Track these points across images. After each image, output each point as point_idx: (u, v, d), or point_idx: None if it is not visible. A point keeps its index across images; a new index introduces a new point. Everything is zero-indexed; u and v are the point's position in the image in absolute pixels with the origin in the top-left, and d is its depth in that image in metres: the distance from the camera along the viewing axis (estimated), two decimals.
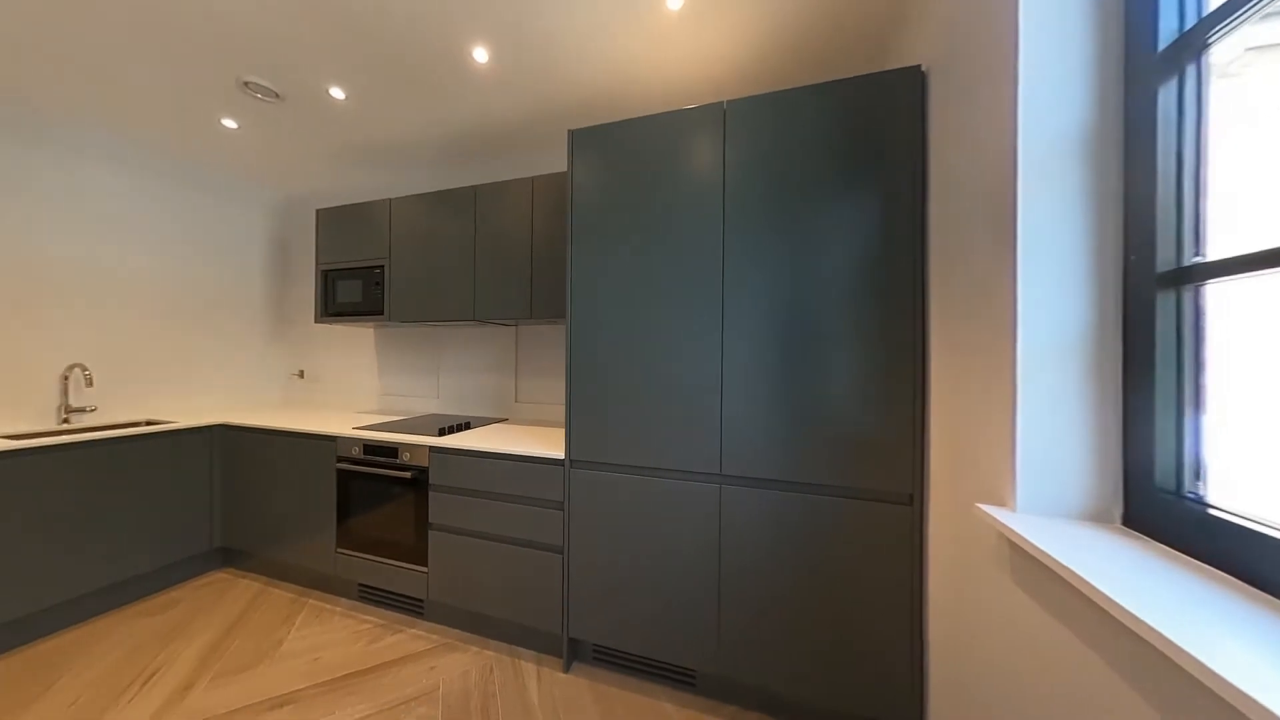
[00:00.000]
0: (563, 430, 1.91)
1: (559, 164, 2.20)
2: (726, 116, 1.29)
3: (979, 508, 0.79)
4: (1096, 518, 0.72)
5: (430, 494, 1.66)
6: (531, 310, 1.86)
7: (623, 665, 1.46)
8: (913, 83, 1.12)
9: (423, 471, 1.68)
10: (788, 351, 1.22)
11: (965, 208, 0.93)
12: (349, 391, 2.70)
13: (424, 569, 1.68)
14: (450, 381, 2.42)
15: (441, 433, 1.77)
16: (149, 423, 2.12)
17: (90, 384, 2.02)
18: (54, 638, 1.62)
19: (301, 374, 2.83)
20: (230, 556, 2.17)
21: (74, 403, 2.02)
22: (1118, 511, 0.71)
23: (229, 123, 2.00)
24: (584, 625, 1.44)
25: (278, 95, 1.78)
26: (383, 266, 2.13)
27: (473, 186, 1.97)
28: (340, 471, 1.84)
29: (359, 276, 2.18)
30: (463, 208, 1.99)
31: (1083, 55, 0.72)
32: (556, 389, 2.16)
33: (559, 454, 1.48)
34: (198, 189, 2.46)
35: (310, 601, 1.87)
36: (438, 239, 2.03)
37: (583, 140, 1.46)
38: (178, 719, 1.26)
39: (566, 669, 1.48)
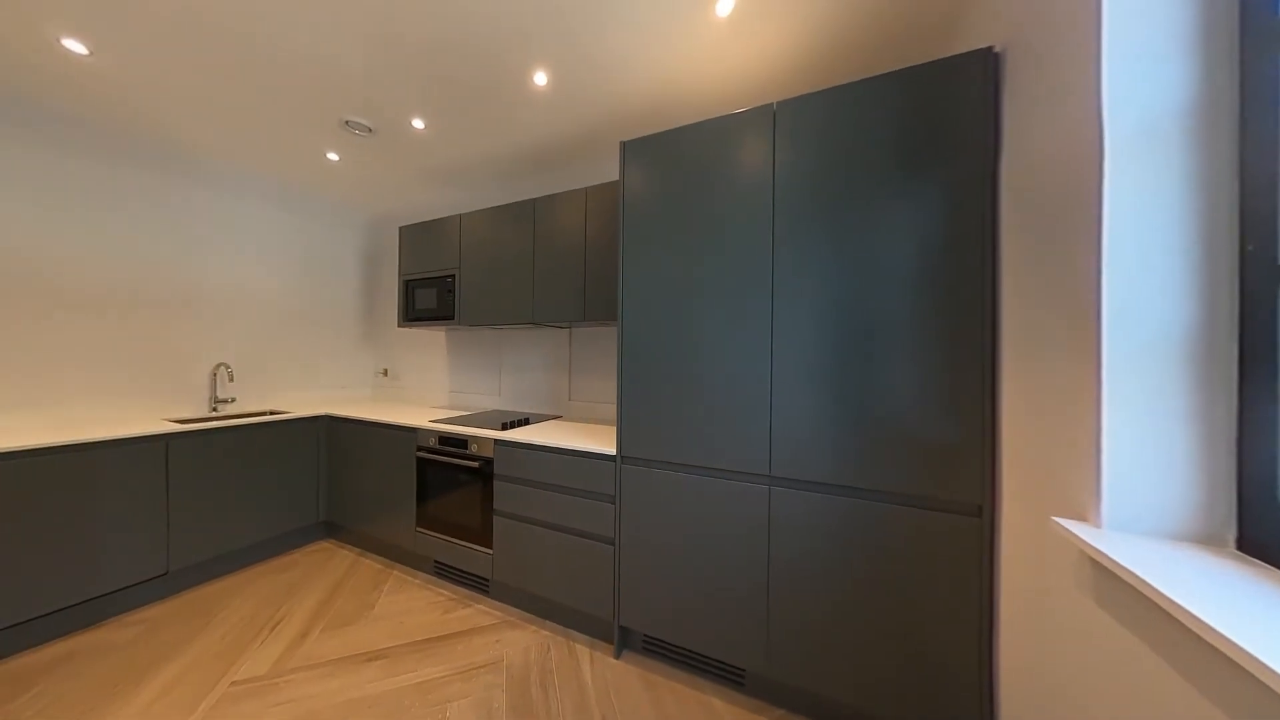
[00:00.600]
0: (614, 428, 1.99)
1: (611, 173, 2.29)
2: (776, 117, 1.28)
3: (1057, 522, 0.74)
4: (1204, 540, 0.65)
5: (495, 482, 1.82)
6: (584, 313, 1.96)
7: (672, 657, 1.50)
8: (984, 66, 1.05)
9: (488, 462, 1.85)
10: (843, 351, 1.19)
11: (1043, 196, 0.86)
12: (424, 388, 3.01)
13: (489, 551, 1.84)
14: (510, 380, 2.61)
15: (504, 427, 1.93)
16: (272, 412, 2.52)
17: (231, 379, 2.46)
18: (211, 584, 2.00)
19: (386, 372, 3.20)
20: (332, 529, 2.52)
21: (220, 395, 2.46)
22: (1231, 534, 0.63)
23: (332, 156, 2.33)
24: (634, 615, 1.50)
25: (370, 130, 2.04)
26: (454, 275, 2.35)
27: (532, 199, 2.12)
28: (419, 459, 2.07)
29: (434, 285, 2.43)
30: (522, 219, 2.15)
31: (1183, 23, 0.65)
32: (607, 388, 2.26)
33: (610, 450, 1.55)
34: (307, 214, 2.89)
35: (395, 573, 2.12)
36: (501, 248, 2.21)
37: (633, 151, 1.52)
38: (298, 660, 1.51)
39: (617, 655, 1.55)
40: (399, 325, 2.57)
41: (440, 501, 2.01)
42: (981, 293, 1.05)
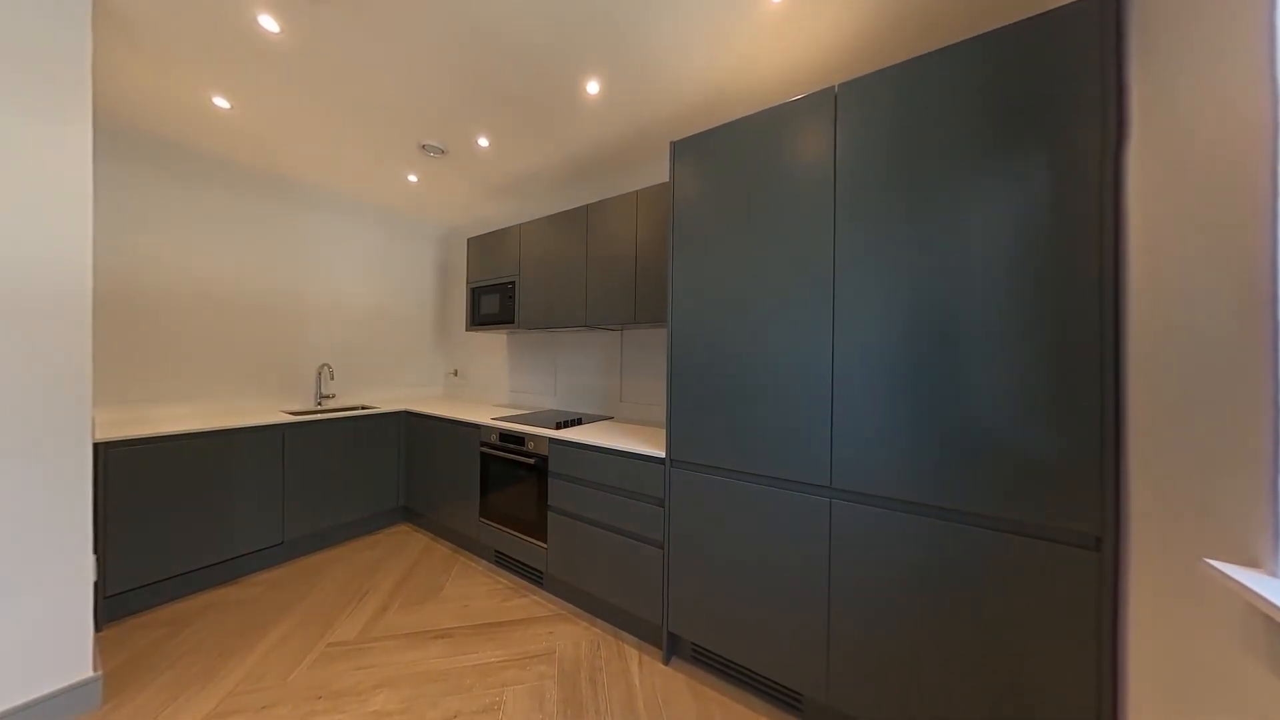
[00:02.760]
0: (664, 430, 1.98)
1: (662, 175, 2.29)
2: (838, 101, 1.20)
3: (1212, 566, 0.60)
4: None
5: (549, 479, 1.90)
6: (635, 314, 1.97)
7: (722, 669, 1.45)
8: (1102, 16, 0.89)
9: (544, 459, 1.93)
10: (919, 350, 1.07)
11: (1194, 174, 0.70)
12: (488, 388, 3.22)
13: (544, 545, 1.92)
14: (565, 381, 2.70)
15: (558, 426, 2.00)
16: (363, 408, 2.85)
17: (332, 378, 2.82)
18: (314, 555, 2.31)
19: (456, 373, 3.48)
20: (410, 514, 2.79)
21: (324, 391, 2.83)
22: None
23: (412, 178, 2.58)
24: (683, 622, 1.48)
25: (443, 151, 2.24)
26: (514, 281, 2.50)
27: (584, 206, 2.19)
28: (483, 454, 2.22)
29: (496, 291, 2.60)
30: (576, 225, 2.22)
31: None
32: (657, 390, 2.25)
33: (660, 453, 1.54)
34: (391, 231, 3.24)
35: (461, 559, 2.29)
36: (556, 255, 2.30)
37: (684, 150, 1.50)
38: (380, 630, 1.69)
39: (666, 661, 1.53)
40: (467, 329, 2.78)
41: (501, 494, 2.13)
42: (1101, 281, 0.89)
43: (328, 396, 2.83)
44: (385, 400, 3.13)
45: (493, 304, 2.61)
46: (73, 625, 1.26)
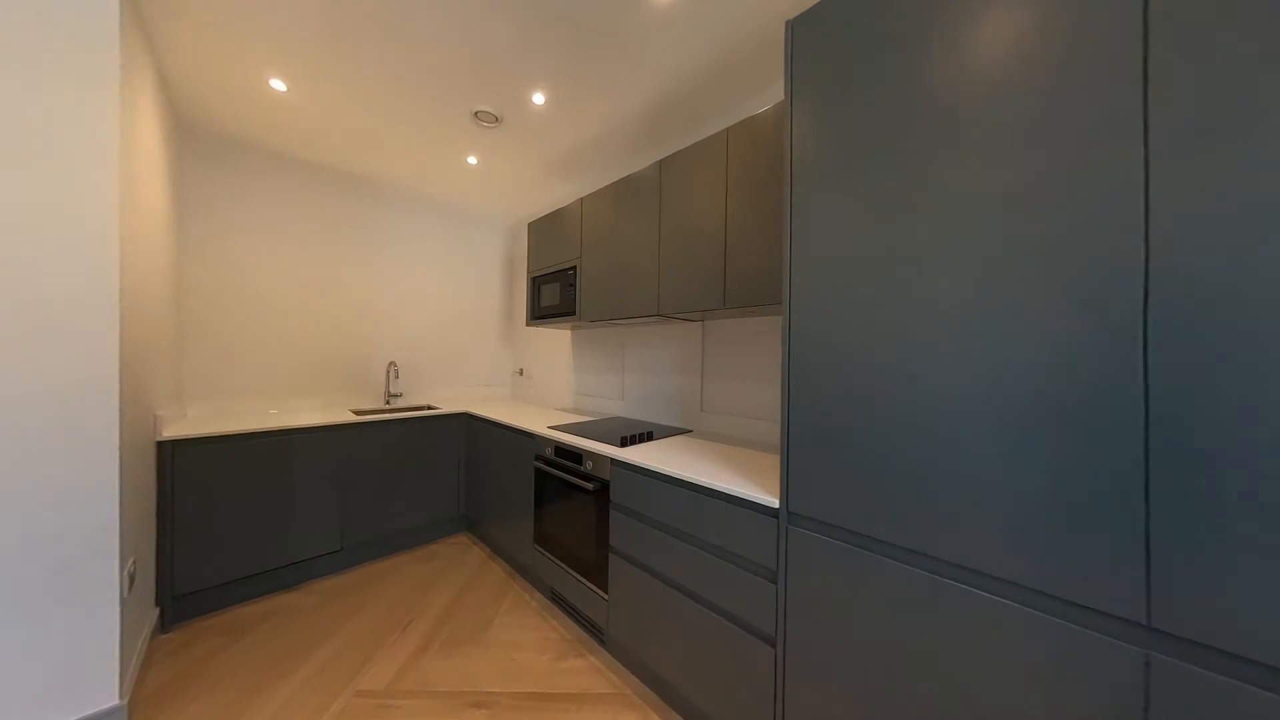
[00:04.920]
0: (763, 455, 1.45)
1: (759, 108, 1.75)
2: None
3: None
4: None
5: (611, 512, 1.48)
6: (724, 298, 1.47)
7: None
8: None
9: (604, 485, 1.51)
10: None
11: None
12: (551, 389, 2.94)
13: (605, 595, 1.51)
14: (634, 383, 2.29)
15: (623, 443, 1.57)
16: (428, 408, 2.74)
17: (398, 376, 2.75)
18: (372, 564, 2.19)
19: (521, 372, 3.28)
20: (470, 524, 2.60)
21: (392, 390, 2.78)
22: None
23: (471, 159, 2.36)
24: None
25: (497, 119, 1.95)
26: (575, 267, 2.14)
27: (657, 162, 1.73)
28: (537, 469, 1.89)
29: (556, 279, 2.27)
30: (646, 189, 1.77)
31: None
32: (752, 397, 1.72)
33: (768, 498, 1.03)
34: (455, 224, 3.12)
35: (514, 587, 1.99)
36: (623, 229, 1.88)
37: (812, 30, 0.96)
38: (412, 680, 1.41)
39: None
40: (527, 324, 2.51)
41: (556, 520, 1.78)
42: None
43: (395, 395, 2.77)
44: (452, 400, 3.01)
45: (553, 294, 2.29)
46: (96, 647, 1.14)
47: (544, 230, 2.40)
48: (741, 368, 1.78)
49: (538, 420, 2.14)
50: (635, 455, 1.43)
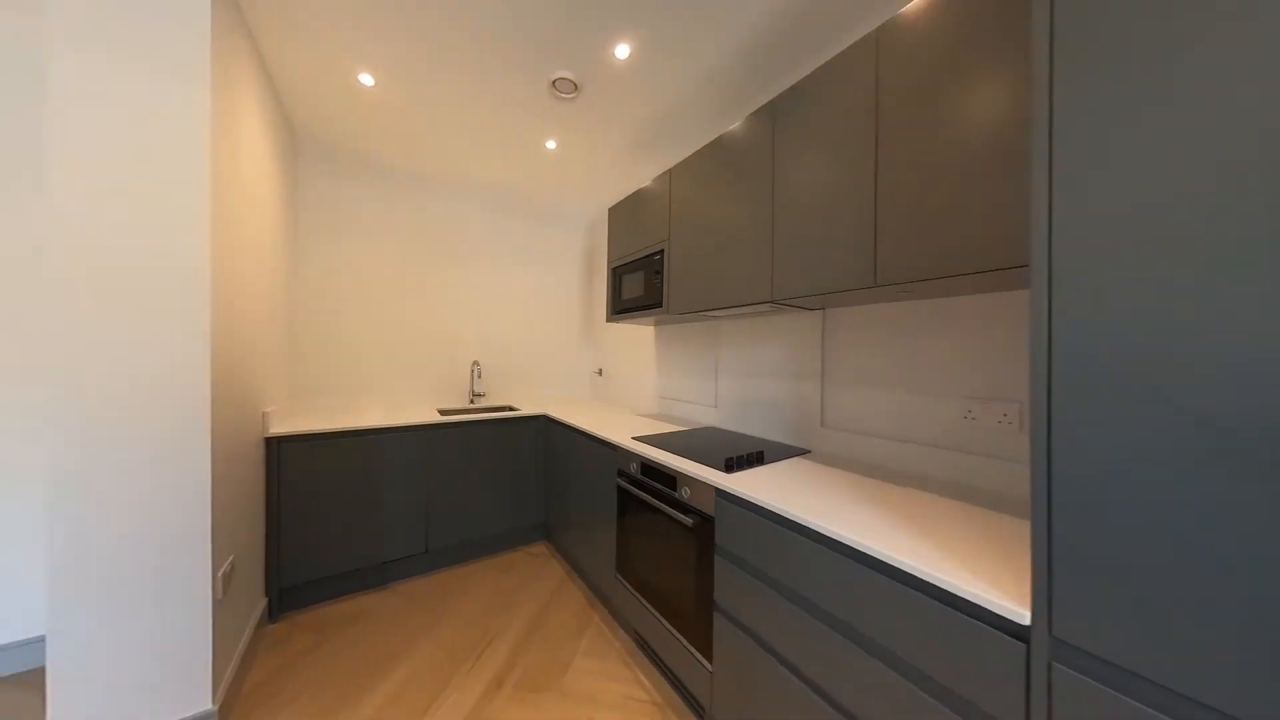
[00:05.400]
0: (946, 502, 0.99)
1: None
2: None
3: None
4: None
5: (716, 558, 1.14)
6: (877, 272, 1.03)
7: None
8: None
9: (707, 520, 1.18)
10: None
11: None
12: (633, 391, 2.70)
13: (708, 665, 1.18)
14: (731, 388, 1.92)
15: (729, 466, 1.22)
16: (509, 408, 2.67)
17: (480, 376, 2.72)
18: (454, 569, 2.14)
19: (600, 372, 3.10)
20: (549, 532, 2.47)
21: (476, 389, 2.77)
22: None
23: (550, 143, 2.20)
24: None
25: (576, 86, 1.72)
26: (662, 251, 1.84)
27: (769, 102, 1.34)
28: (620, 487, 1.62)
29: (640, 268, 1.99)
30: (753, 142, 1.39)
31: None
32: (895, 411, 1.25)
33: (1009, 606, 0.60)
34: (536, 219, 3.02)
35: (596, 618, 1.76)
36: (722, 197, 1.52)
37: None
38: None
39: None
40: (607, 319, 2.27)
41: (643, 552, 1.49)
42: None
43: (479, 395, 2.75)
44: (531, 400, 2.93)
45: (636, 285, 2.02)
46: (188, 651, 1.13)
47: (626, 213, 2.14)
48: (882, 369, 1.32)
49: (619, 428, 1.88)
50: (747, 485, 1.07)
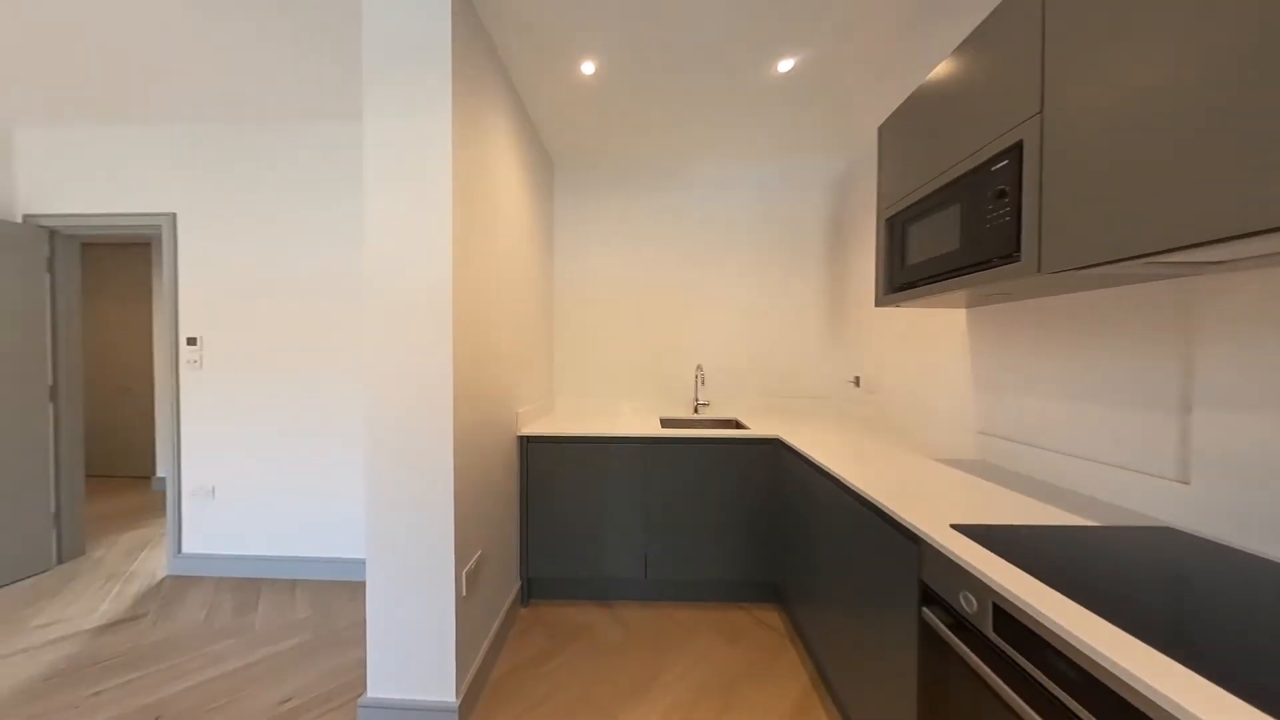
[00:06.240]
0: None
1: None
2: None
3: None
4: None
5: None
6: None
7: None
8: None
9: None
10: None
11: None
12: (922, 416, 1.71)
13: None
14: (1230, 438, 0.76)
15: None
16: (735, 424, 2.22)
17: (704, 382, 2.39)
18: (673, 606, 1.87)
19: (857, 381, 2.20)
20: (779, 598, 1.85)
21: (700, 397, 2.46)
22: None
23: (782, 64, 1.61)
24: None
25: None
26: (1017, 148, 0.90)
27: None
28: (926, 626, 0.85)
29: (952, 199, 1.09)
30: None
31: None
32: None
33: None
34: (768, 190, 2.43)
35: None
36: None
37: None
38: None
39: None
40: (877, 303, 1.45)
41: None
42: None
43: (703, 404, 2.42)
44: (756, 411, 2.38)
45: (939, 232, 1.13)
46: (437, 643, 1.23)
47: (916, 117, 1.26)
48: None
49: (911, 493, 1.07)
50: None
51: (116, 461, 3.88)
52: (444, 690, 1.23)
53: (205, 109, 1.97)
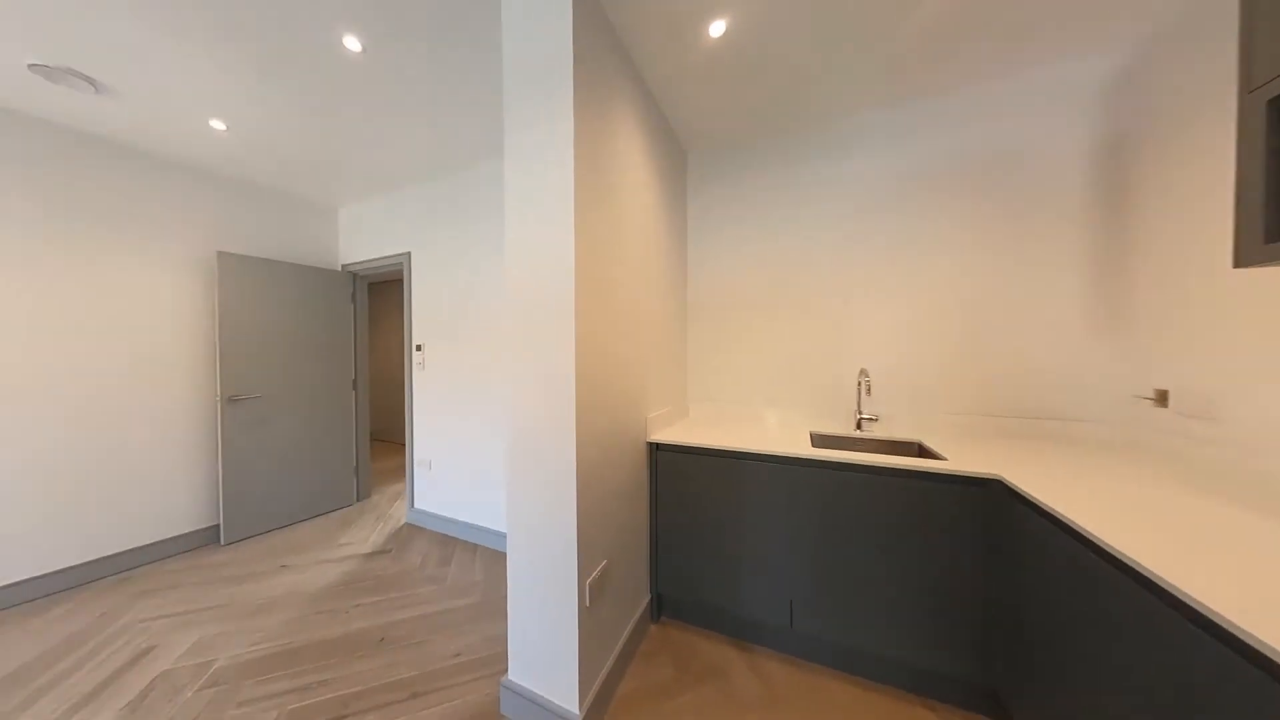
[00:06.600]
0: None
1: None
2: None
3: None
4: None
5: None
6: None
7: None
8: None
9: None
10: None
11: None
12: None
13: None
14: None
15: None
16: (919, 448, 1.67)
17: (869, 392, 1.87)
18: (829, 674, 1.49)
19: (1163, 398, 1.36)
20: (1002, 707, 1.26)
21: (864, 411, 1.95)
22: None
23: None
24: None
25: None
26: None
27: None
28: None
29: None
30: None
31: None
32: None
33: None
34: (978, 118, 1.75)
35: None
36: None
37: None
38: None
39: None
40: (1239, 262, 0.80)
41: None
42: None
43: (869, 419, 1.91)
44: (961, 437, 1.72)
45: None
46: (564, 654, 1.22)
47: None
48: None
49: None
50: None
51: (393, 431, 5.54)
52: (568, 698, 1.23)
53: (425, 170, 2.58)
